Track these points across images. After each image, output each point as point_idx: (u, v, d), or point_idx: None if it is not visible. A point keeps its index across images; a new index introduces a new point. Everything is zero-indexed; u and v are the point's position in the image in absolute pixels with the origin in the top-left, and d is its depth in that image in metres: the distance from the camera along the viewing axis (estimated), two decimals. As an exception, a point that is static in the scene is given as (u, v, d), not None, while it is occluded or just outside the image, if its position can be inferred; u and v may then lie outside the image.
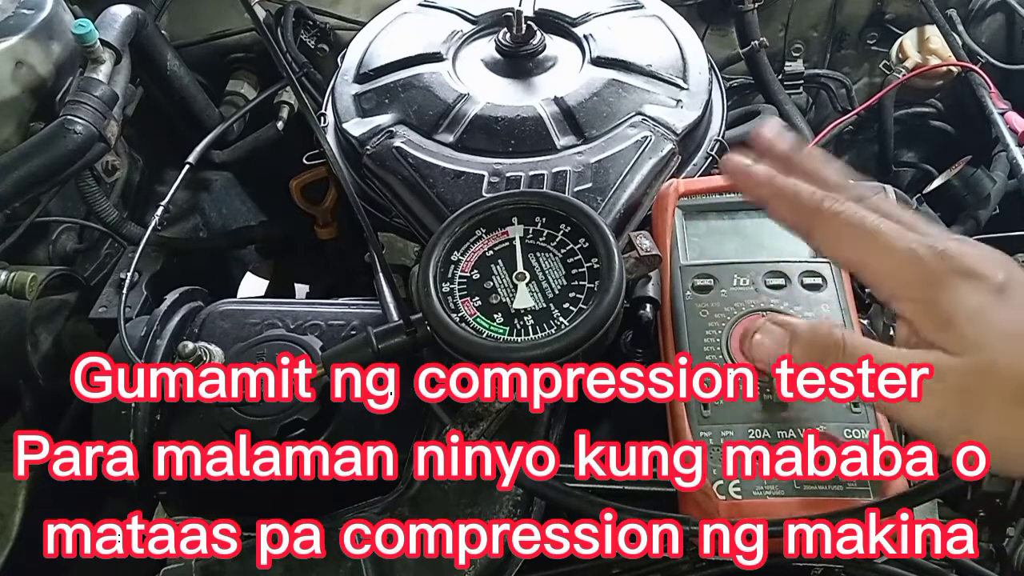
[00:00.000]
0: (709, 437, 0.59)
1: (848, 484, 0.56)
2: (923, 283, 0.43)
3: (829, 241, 0.47)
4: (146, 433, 0.71)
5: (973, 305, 0.42)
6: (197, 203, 1.22)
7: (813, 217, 0.47)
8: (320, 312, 0.78)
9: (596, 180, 0.73)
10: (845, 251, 0.46)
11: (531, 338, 0.58)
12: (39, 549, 0.85)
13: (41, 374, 0.87)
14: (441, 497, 0.62)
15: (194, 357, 0.68)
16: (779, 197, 0.48)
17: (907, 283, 0.44)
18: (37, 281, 0.85)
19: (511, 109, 0.79)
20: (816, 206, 0.46)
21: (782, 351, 0.49)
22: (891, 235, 0.44)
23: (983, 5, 1.18)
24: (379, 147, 0.79)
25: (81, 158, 0.83)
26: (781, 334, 0.49)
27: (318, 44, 1.22)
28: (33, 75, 0.90)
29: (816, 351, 0.47)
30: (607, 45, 0.85)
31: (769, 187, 0.49)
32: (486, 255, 0.63)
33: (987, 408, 0.41)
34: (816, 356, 0.47)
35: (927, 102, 1.19)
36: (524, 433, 0.64)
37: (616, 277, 0.59)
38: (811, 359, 0.47)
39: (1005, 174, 1.02)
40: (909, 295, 0.44)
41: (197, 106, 1.09)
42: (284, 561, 0.59)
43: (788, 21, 1.23)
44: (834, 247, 0.47)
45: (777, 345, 0.49)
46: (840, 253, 0.47)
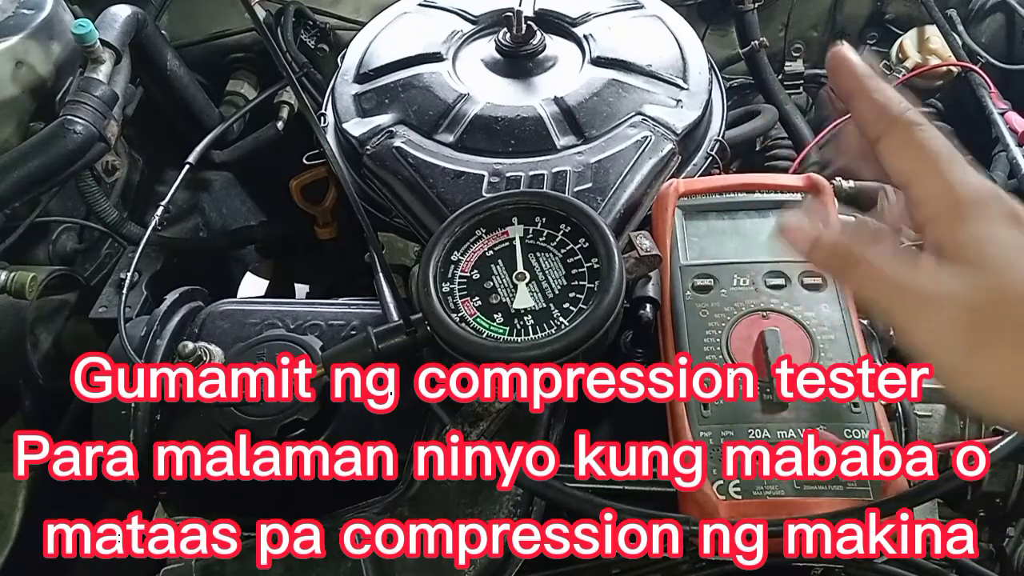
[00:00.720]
0: (709, 437, 0.59)
1: (848, 484, 0.56)
2: (968, 209, 0.43)
3: (894, 148, 0.47)
4: (146, 433, 0.71)
5: (1005, 238, 0.41)
6: (197, 203, 1.22)
7: (890, 123, 0.47)
8: (320, 312, 0.78)
9: (596, 180, 0.73)
10: (905, 160, 0.47)
11: (531, 338, 0.58)
12: (39, 549, 0.85)
13: (41, 374, 0.87)
14: (441, 497, 0.62)
15: (194, 357, 0.68)
16: (869, 95, 0.49)
17: (952, 206, 0.44)
18: (37, 281, 0.85)
19: (511, 109, 0.79)
20: (898, 114, 0.47)
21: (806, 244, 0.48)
22: (953, 160, 0.45)
23: (983, 5, 1.17)
24: (379, 147, 0.79)
25: (81, 158, 0.83)
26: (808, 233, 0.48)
27: (318, 44, 1.22)
28: (33, 75, 0.90)
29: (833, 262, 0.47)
30: (607, 45, 0.85)
31: (858, 83, 0.49)
32: (486, 255, 0.63)
33: (993, 346, 0.40)
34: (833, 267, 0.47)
35: (927, 102, 1.19)
36: (524, 433, 0.64)
37: (616, 277, 0.59)
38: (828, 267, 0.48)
39: (1005, 174, 1.02)
40: (951, 216, 0.43)
41: (197, 106, 1.09)
42: (284, 561, 0.59)
43: (788, 21, 1.23)
44: (897, 156, 0.47)
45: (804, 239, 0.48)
46: (899, 161, 0.47)
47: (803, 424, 0.59)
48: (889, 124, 0.47)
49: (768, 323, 0.63)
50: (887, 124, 0.48)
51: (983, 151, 1.08)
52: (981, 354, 0.40)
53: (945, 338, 0.41)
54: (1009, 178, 1.01)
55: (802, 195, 0.71)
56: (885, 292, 0.44)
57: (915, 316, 0.42)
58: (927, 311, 0.42)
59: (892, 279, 0.44)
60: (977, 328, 0.40)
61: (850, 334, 0.62)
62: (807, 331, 0.63)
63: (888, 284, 0.44)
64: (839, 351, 0.62)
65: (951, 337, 0.41)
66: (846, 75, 0.50)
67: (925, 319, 0.42)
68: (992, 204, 0.43)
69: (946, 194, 0.44)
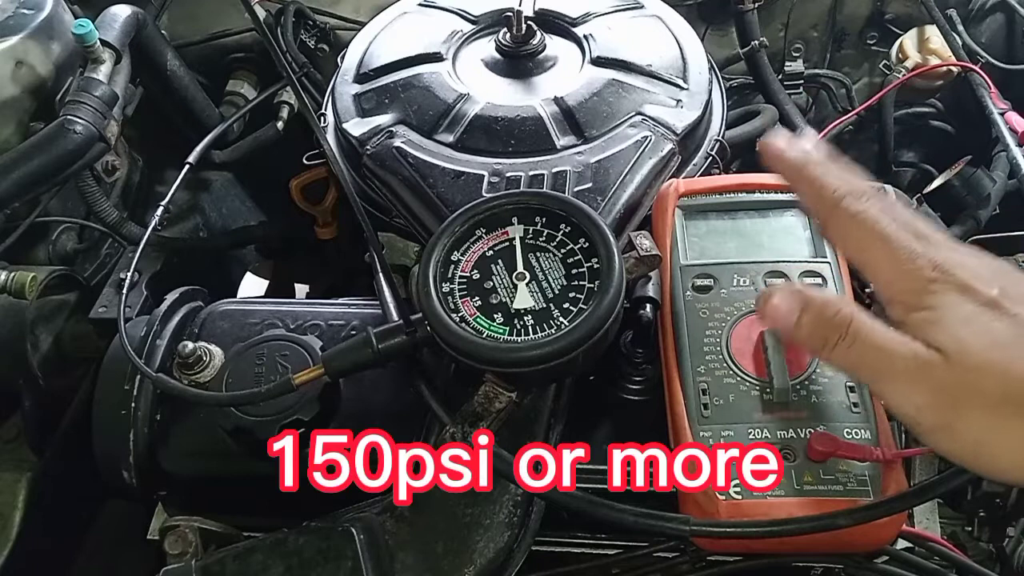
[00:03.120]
0: (709, 437, 0.59)
1: (848, 484, 0.56)
2: (919, 291, 0.45)
3: (840, 236, 0.49)
4: (146, 433, 0.71)
5: (964, 314, 0.43)
6: (197, 203, 1.22)
7: (831, 211, 0.49)
8: (320, 312, 0.78)
9: (596, 180, 0.73)
10: (852, 249, 0.49)
11: (531, 338, 0.58)
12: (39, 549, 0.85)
13: (41, 374, 0.87)
14: (441, 497, 0.62)
15: (194, 357, 0.69)
16: (806, 184, 0.50)
17: (904, 289, 0.46)
18: (37, 281, 0.85)
19: (511, 109, 0.79)
20: (836, 202, 0.48)
21: (792, 318, 0.49)
22: (897, 241, 0.46)
23: (983, 5, 1.17)
24: (379, 147, 0.79)
25: (81, 158, 0.83)
26: (795, 301, 0.49)
27: (318, 44, 1.22)
28: (33, 75, 0.90)
29: (820, 329, 0.48)
30: (607, 45, 0.85)
31: (798, 174, 0.51)
32: (486, 255, 0.63)
33: (968, 411, 0.43)
34: (819, 335, 0.48)
35: (927, 102, 1.19)
36: (524, 433, 0.64)
37: (616, 277, 0.59)
38: (814, 336, 0.48)
39: (1005, 174, 1.02)
40: (905, 300, 0.46)
41: (197, 106, 1.09)
42: (285, 561, 0.59)
43: (788, 21, 1.23)
44: (843, 243, 0.49)
45: (789, 311, 0.49)
46: (847, 249, 0.49)
47: (803, 424, 0.59)
48: (829, 212, 0.49)
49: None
50: (827, 211, 0.49)
51: (983, 151, 1.08)
52: (956, 422, 0.43)
53: (923, 409, 0.44)
54: (1009, 178, 1.01)
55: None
56: (869, 366, 0.46)
57: (895, 387, 0.45)
58: (905, 384, 0.44)
59: (876, 354, 0.45)
60: (949, 401, 0.43)
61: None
62: (807, 331, 0.63)
63: (871, 358, 0.46)
64: (839, 351, 0.62)
65: (928, 410, 0.44)
66: (781, 168, 0.52)
67: (904, 390, 0.45)
68: (940, 282, 0.44)
69: (894, 282, 0.46)
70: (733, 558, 0.64)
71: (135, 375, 0.72)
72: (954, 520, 0.83)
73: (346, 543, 0.59)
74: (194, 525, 0.63)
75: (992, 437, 0.43)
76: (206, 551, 0.62)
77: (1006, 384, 0.42)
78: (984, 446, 0.43)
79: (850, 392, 0.60)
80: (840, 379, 0.60)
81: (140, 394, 0.72)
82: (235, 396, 0.66)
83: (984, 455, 0.44)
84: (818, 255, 0.67)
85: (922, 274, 0.45)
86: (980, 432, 0.43)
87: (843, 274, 0.66)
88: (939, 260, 0.45)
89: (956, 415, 0.43)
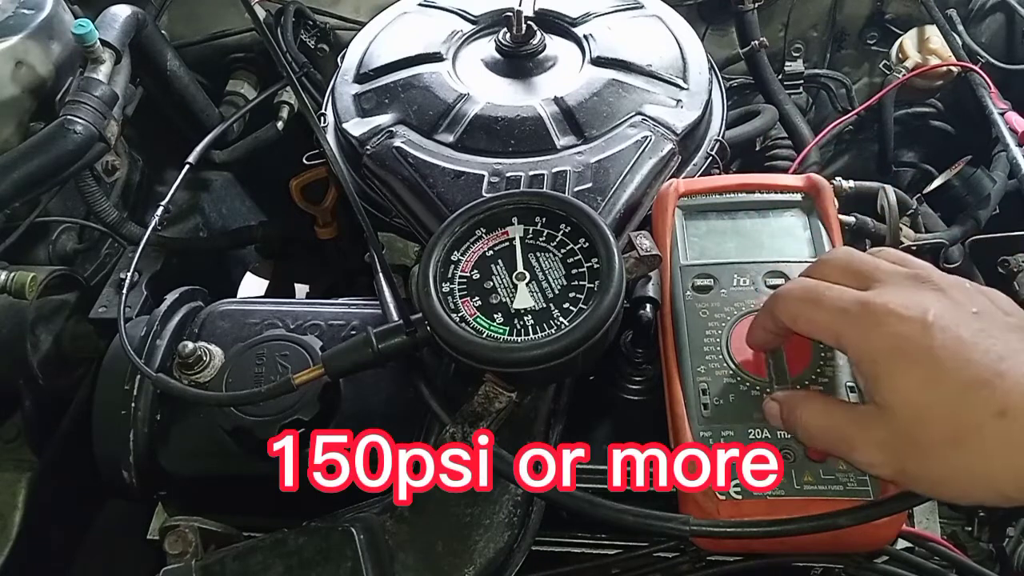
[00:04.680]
0: (709, 437, 0.59)
1: (848, 483, 0.56)
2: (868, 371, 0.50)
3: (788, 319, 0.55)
4: (146, 433, 0.71)
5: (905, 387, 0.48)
6: (197, 203, 1.22)
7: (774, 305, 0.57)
8: (320, 312, 0.78)
9: (596, 180, 0.73)
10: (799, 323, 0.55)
11: (531, 338, 0.58)
12: (39, 549, 0.85)
13: (41, 374, 0.87)
14: (441, 497, 0.62)
15: (194, 357, 0.69)
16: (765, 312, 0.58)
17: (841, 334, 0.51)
18: (37, 281, 0.85)
19: (511, 109, 0.79)
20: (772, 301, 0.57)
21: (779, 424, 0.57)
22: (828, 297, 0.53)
23: (983, 5, 1.17)
24: (379, 147, 0.79)
25: (81, 158, 0.83)
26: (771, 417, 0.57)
27: (318, 44, 1.22)
28: (33, 75, 0.90)
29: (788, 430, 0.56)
30: (607, 45, 0.85)
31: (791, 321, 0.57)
32: (486, 255, 0.63)
33: (915, 459, 0.48)
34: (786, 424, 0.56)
35: (927, 102, 1.19)
36: (524, 433, 0.64)
37: (616, 277, 0.59)
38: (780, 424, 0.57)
39: (1005, 174, 1.02)
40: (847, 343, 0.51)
41: (197, 106, 1.09)
42: (285, 561, 0.59)
43: (788, 21, 1.23)
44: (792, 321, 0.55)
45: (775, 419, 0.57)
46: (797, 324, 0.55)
47: (803, 424, 0.59)
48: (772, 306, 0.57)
49: (768, 323, 0.63)
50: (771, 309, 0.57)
51: (983, 151, 1.08)
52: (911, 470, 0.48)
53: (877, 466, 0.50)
54: (1009, 178, 1.01)
55: (802, 195, 0.71)
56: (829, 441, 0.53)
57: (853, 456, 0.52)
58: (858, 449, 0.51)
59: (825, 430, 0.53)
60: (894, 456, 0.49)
61: (850, 334, 0.62)
62: (807, 331, 0.63)
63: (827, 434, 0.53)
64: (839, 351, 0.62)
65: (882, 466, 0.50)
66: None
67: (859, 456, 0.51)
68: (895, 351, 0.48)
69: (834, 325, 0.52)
70: (733, 558, 0.64)
71: (135, 375, 0.72)
72: (954, 520, 0.83)
73: (346, 543, 0.59)
74: (194, 525, 0.63)
75: (948, 473, 0.47)
76: (206, 551, 0.62)
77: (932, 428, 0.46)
78: (947, 482, 0.47)
79: (850, 392, 0.60)
80: (840, 379, 0.60)
81: (140, 394, 0.72)
82: (235, 396, 0.66)
83: (952, 489, 0.48)
84: (818, 255, 0.67)
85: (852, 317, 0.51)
86: (935, 473, 0.47)
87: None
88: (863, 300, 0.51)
89: (907, 464, 0.48)
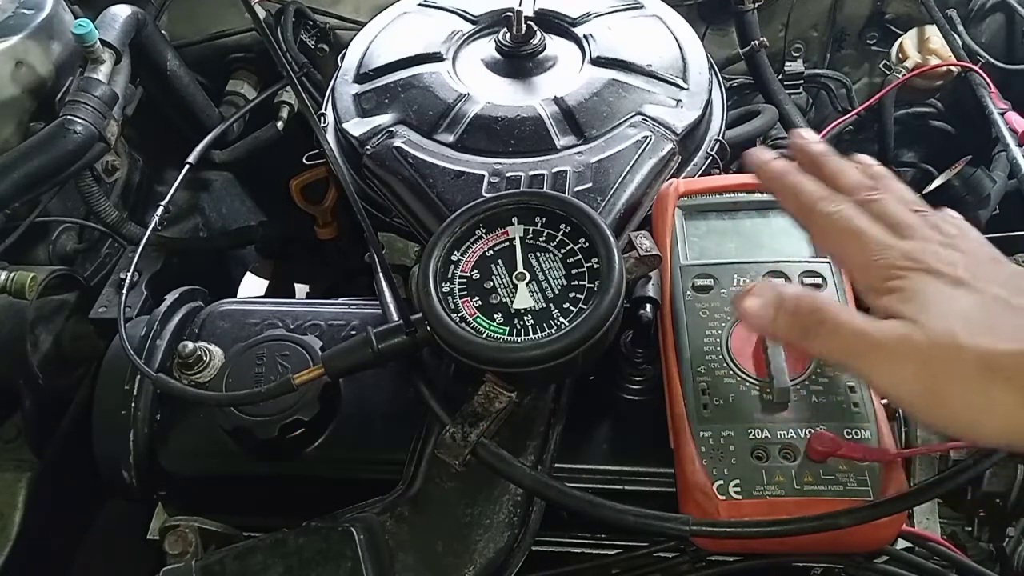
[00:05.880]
0: (709, 437, 0.59)
1: (848, 484, 0.56)
2: (889, 276, 0.48)
3: (819, 237, 0.53)
4: (146, 433, 0.71)
5: (932, 291, 0.46)
6: (197, 203, 1.22)
7: (809, 215, 0.53)
8: (320, 312, 0.78)
9: (596, 180, 0.73)
10: (830, 247, 0.53)
11: (531, 338, 0.58)
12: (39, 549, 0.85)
13: (41, 374, 0.87)
14: (441, 497, 0.62)
15: (194, 357, 0.69)
16: (786, 191, 0.54)
17: (876, 276, 0.48)
18: (37, 281, 0.85)
19: (511, 109, 0.79)
20: (812, 206, 0.52)
21: (767, 315, 0.51)
22: (868, 236, 0.49)
23: (983, 5, 1.17)
24: (379, 147, 0.79)
25: (81, 158, 0.83)
26: (770, 299, 0.51)
27: (318, 44, 1.22)
28: (33, 75, 0.90)
29: (796, 322, 0.49)
30: (607, 45, 0.85)
31: (779, 182, 0.55)
32: (486, 255, 0.63)
33: (949, 380, 0.44)
34: (797, 330, 0.50)
35: (927, 102, 1.19)
36: (524, 433, 0.64)
37: (616, 277, 0.59)
38: (792, 332, 0.50)
39: (1005, 174, 1.02)
40: (876, 287, 0.48)
41: (197, 106, 1.09)
42: (285, 561, 0.59)
43: (788, 21, 1.23)
44: (822, 243, 0.53)
45: (764, 310, 0.51)
46: (826, 249, 0.54)
47: (803, 424, 0.59)
48: (807, 216, 0.53)
49: (768, 323, 0.63)
50: (806, 216, 0.53)
51: (983, 151, 1.08)
52: (940, 392, 0.45)
53: (907, 382, 0.46)
54: (1009, 178, 1.01)
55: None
56: (850, 348, 0.47)
57: (879, 366, 0.46)
58: (887, 360, 0.46)
59: (854, 336, 0.47)
60: (930, 371, 0.45)
61: (850, 334, 0.62)
62: (807, 331, 0.63)
63: (851, 340, 0.47)
64: (839, 351, 0.62)
65: (912, 382, 0.45)
66: (762, 178, 0.56)
67: (887, 367, 0.46)
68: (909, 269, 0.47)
69: (867, 271, 0.49)
70: (733, 558, 0.64)
71: (135, 375, 0.72)
72: (954, 520, 0.83)
73: (346, 543, 0.59)
74: (194, 525, 0.63)
75: (975, 406, 0.44)
76: (206, 551, 0.62)
77: (981, 354, 0.43)
78: (969, 415, 0.44)
79: (850, 392, 0.60)
80: (840, 379, 0.60)
81: (140, 394, 0.72)
82: (235, 396, 0.66)
83: (971, 423, 0.45)
84: (818, 255, 0.67)
85: (892, 262, 0.48)
86: (963, 401, 0.44)
87: (844, 274, 0.66)
88: (908, 249, 0.48)
89: (938, 385, 0.45)
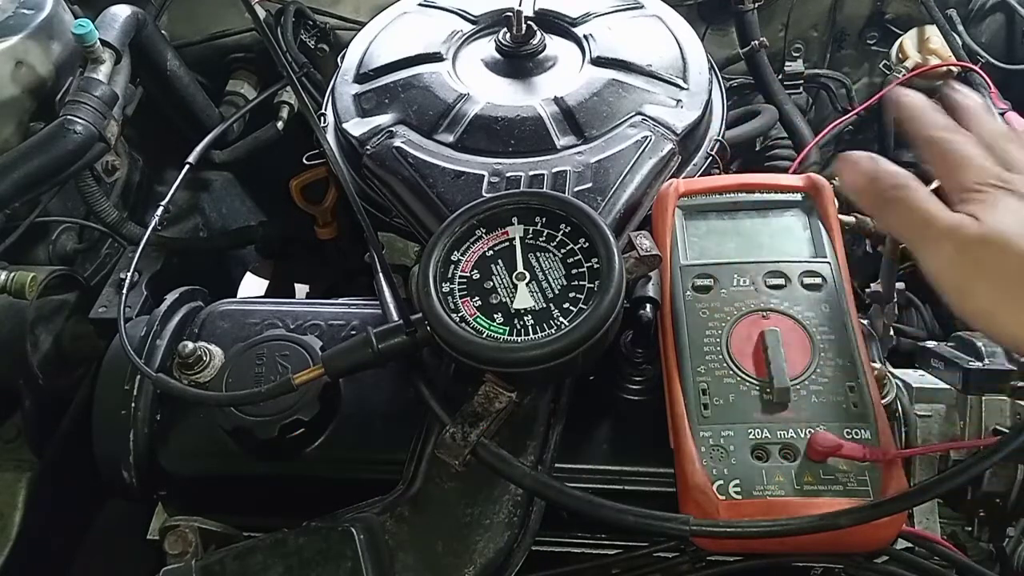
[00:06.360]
0: (709, 437, 0.59)
1: (848, 484, 0.56)
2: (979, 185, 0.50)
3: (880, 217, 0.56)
4: (146, 433, 0.71)
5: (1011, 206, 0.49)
6: (197, 203, 1.22)
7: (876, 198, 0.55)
8: (320, 312, 0.78)
9: (596, 180, 0.73)
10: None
11: (531, 338, 0.58)
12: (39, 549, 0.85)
13: (41, 374, 0.87)
14: (441, 497, 0.62)
15: (194, 357, 0.69)
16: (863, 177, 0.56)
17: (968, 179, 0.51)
18: (37, 281, 0.85)
19: (511, 109, 0.79)
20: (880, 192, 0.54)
21: (858, 182, 0.55)
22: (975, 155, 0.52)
23: (983, 5, 1.17)
24: (379, 147, 0.79)
25: (81, 158, 0.83)
26: (866, 167, 0.55)
27: (318, 44, 1.22)
28: (33, 75, 0.90)
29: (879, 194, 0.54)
30: (607, 45, 0.85)
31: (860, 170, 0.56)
32: (486, 255, 0.63)
33: (986, 276, 0.47)
34: (878, 199, 0.54)
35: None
36: (524, 433, 0.64)
37: (616, 277, 0.59)
38: (874, 200, 0.54)
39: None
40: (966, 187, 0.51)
41: (197, 106, 1.09)
42: (285, 561, 0.59)
43: (788, 21, 1.23)
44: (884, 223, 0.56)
45: (856, 176, 0.55)
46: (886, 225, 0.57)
47: (803, 424, 0.59)
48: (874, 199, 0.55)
49: (768, 323, 0.63)
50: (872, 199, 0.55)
51: (983, 151, 1.08)
52: (975, 284, 0.48)
53: (948, 266, 0.49)
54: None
55: (802, 195, 0.71)
56: (915, 225, 0.51)
57: (929, 245, 0.50)
58: (937, 241, 0.49)
59: (922, 216, 0.50)
60: (971, 261, 0.48)
61: (850, 334, 0.62)
62: (807, 331, 0.63)
63: (918, 219, 0.51)
64: (839, 351, 0.62)
65: (952, 267, 0.49)
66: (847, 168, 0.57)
67: (935, 248, 0.49)
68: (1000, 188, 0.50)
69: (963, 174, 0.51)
70: (733, 558, 0.64)
71: (135, 375, 0.72)
72: (954, 520, 0.83)
73: (346, 543, 0.59)
74: (194, 525, 0.63)
75: (1005, 306, 0.47)
76: (206, 551, 0.62)
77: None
78: (996, 313, 0.47)
79: (850, 392, 0.60)
80: (840, 379, 0.60)
81: (140, 394, 0.72)
82: (235, 396, 0.66)
83: (995, 321, 0.48)
84: (818, 255, 0.67)
85: (985, 178, 0.50)
86: (994, 298, 0.47)
87: (843, 274, 0.66)
88: (1006, 177, 0.50)
89: (976, 276, 0.48)
